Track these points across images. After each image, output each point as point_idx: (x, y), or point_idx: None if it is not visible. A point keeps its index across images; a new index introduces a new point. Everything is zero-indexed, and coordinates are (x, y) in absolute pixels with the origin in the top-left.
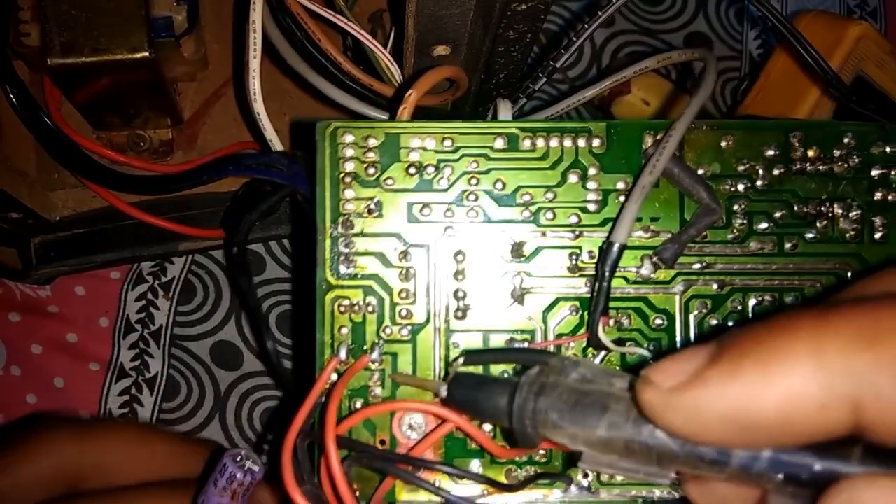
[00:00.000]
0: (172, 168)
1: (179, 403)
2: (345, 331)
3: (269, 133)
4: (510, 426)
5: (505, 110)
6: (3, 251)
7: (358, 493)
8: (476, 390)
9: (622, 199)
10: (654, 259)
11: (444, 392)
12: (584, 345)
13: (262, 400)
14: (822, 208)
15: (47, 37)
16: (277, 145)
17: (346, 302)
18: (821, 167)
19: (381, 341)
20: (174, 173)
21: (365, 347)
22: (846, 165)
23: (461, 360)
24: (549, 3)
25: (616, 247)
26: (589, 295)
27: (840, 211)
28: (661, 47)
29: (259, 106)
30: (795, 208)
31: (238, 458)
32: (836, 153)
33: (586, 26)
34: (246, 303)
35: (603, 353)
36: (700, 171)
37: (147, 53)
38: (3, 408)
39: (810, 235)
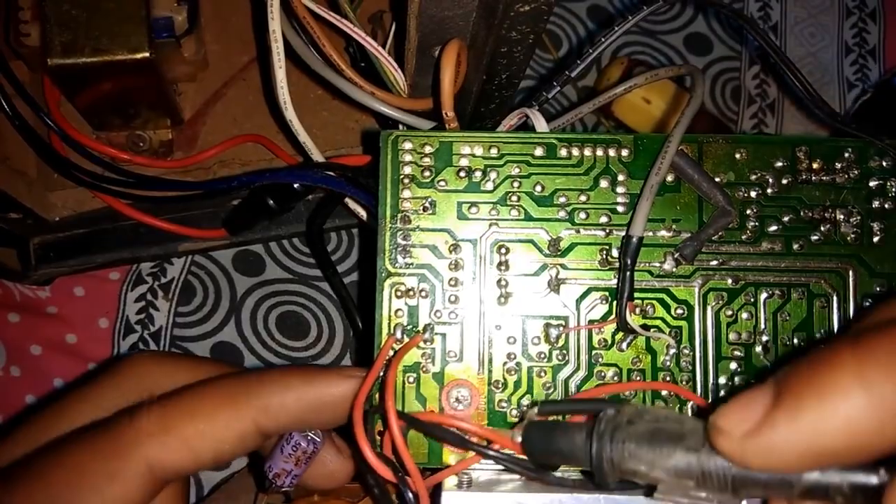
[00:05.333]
0: (178, 163)
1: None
2: (401, 313)
3: (303, 137)
4: (588, 464)
5: (539, 122)
6: (3, 252)
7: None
8: (552, 432)
9: None
10: (676, 255)
11: (518, 437)
12: (614, 329)
13: None
14: (826, 214)
15: (48, 37)
16: (312, 149)
17: (403, 287)
18: (824, 177)
19: (433, 323)
20: (204, 180)
21: (418, 328)
22: (847, 176)
23: (535, 409)
24: (553, 4)
25: (634, 239)
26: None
27: (842, 217)
28: (660, 48)
29: (291, 114)
30: (802, 213)
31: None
32: (838, 165)
33: (603, 39)
34: (337, 291)
35: (630, 336)
36: (717, 179)
37: (148, 54)
38: (3, 408)
39: (815, 238)
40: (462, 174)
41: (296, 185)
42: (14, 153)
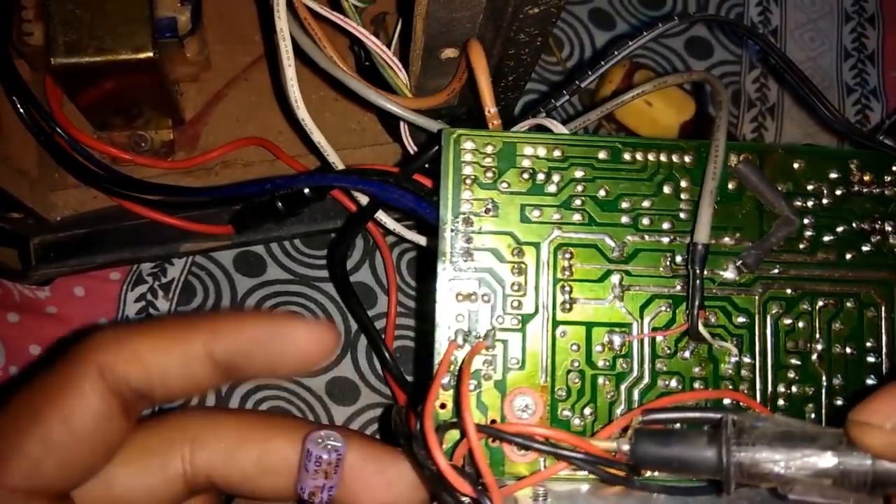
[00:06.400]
0: (179, 164)
1: (181, 405)
2: (461, 318)
3: (317, 136)
4: (714, 471)
5: (561, 132)
6: (3, 251)
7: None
8: (668, 439)
9: None
10: (738, 264)
11: (626, 446)
12: (676, 337)
13: (264, 399)
14: (876, 225)
15: (51, 36)
16: (326, 148)
17: (464, 292)
18: (874, 190)
19: (494, 329)
20: (233, 183)
21: (479, 334)
22: (895, 190)
23: (641, 418)
24: (561, 6)
25: (700, 246)
26: (682, 293)
27: (890, 228)
28: (661, 52)
29: (303, 112)
30: (854, 225)
31: (319, 441)
32: (887, 179)
33: (616, 52)
34: (364, 325)
35: (693, 345)
36: (778, 188)
37: (151, 54)
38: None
39: (866, 248)
40: (525, 176)
41: (306, 191)
42: (16, 152)
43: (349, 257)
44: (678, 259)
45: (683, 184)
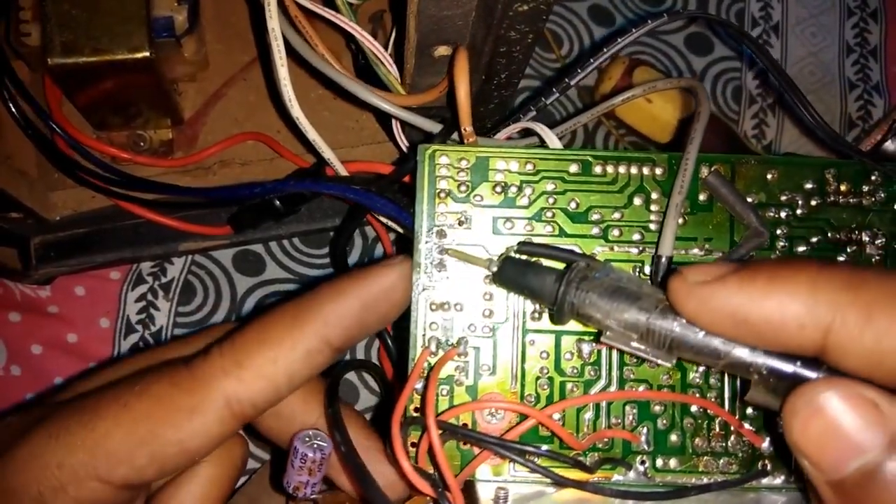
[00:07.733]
0: (178, 162)
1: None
2: (435, 326)
3: (312, 135)
4: (552, 303)
5: (551, 139)
6: (3, 251)
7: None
8: (526, 269)
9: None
10: None
11: (494, 268)
12: None
13: None
14: (852, 236)
15: (48, 36)
16: (322, 146)
17: (437, 301)
18: (851, 200)
19: (467, 336)
20: (225, 185)
21: (452, 341)
22: (873, 199)
23: (515, 247)
24: (552, 3)
25: (663, 259)
26: None
27: (867, 238)
28: (661, 48)
29: (297, 111)
30: (829, 234)
31: (307, 439)
32: (865, 188)
33: (605, 49)
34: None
35: None
36: (749, 199)
37: (148, 53)
38: (3, 408)
39: (842, 259)
40: (498, 189)
41: (306, 192)
42: (15, 152)
43: (349, 255)
44: (647, 269)
45: (654, 196)
